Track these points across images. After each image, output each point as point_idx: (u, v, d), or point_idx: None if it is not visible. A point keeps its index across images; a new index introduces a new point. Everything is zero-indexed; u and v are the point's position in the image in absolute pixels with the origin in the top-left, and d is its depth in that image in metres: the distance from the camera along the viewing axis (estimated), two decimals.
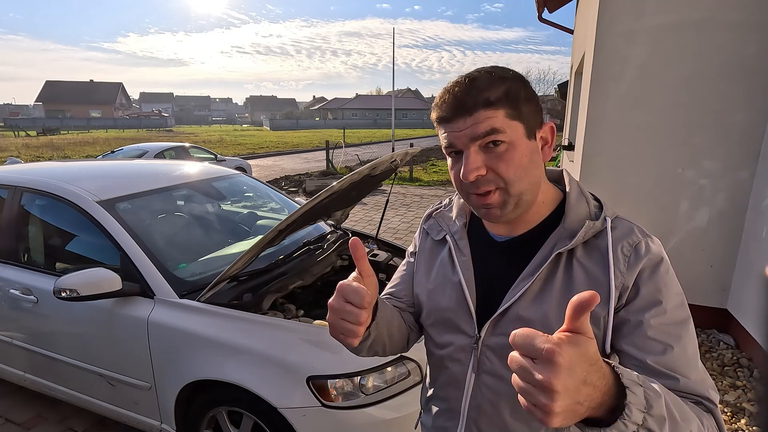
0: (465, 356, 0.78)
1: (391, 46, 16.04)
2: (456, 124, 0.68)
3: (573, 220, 0.72)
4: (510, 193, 0.69)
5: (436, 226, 0.88)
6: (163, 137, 30.06)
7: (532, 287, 0.71)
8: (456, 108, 0.68)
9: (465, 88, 0.68)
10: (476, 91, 0.67)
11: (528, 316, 0.71)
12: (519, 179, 0.68)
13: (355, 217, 7.29)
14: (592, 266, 0.69)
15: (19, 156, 16.25)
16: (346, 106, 63.89)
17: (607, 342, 0.67)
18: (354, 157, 15.59)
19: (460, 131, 0.68)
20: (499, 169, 0.68)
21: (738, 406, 2.42)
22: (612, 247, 0.68)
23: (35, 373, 2.30)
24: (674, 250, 3.21)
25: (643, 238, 0.70)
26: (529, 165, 0.69)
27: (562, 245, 0.70)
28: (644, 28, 3.04)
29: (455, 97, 0.68)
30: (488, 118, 0.66)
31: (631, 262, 0.67)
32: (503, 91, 0.67)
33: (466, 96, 0.67)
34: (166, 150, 9.47)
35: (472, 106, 0.66)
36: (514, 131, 0.68)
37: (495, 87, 0.67)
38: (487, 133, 0.66)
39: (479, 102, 0.66)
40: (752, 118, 2.92)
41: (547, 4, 6.47)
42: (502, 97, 0.67)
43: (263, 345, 1.69)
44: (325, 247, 2.50)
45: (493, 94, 0.67)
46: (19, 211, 2.33)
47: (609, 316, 0.67)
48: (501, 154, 0.67)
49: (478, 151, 0.68)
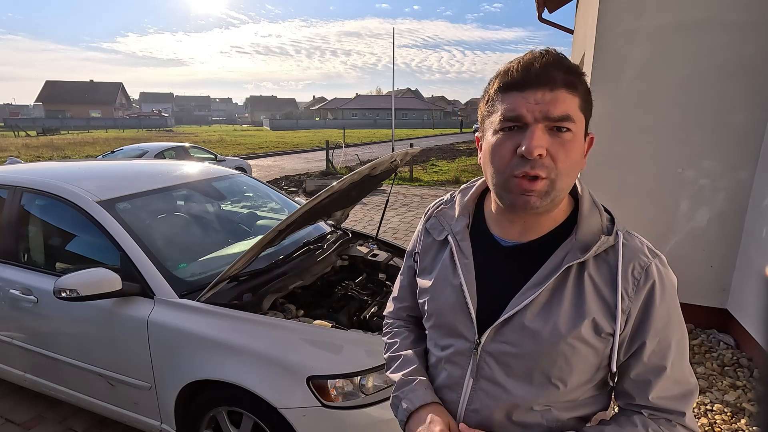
0: (464, 360, 0.77)
1: (390, 46, 16.05)
2: (533, 94, 0.63)
3: (586, 232, 0.70)
4: (556, 185, 0.66)
5: (438, 226, 0.86)
6: (163, 137, 30.05)
7: (539, 298, 0.70)
8: (539, 77, 0.63)
9: (554, 60, 0.64)
10: (564, 69, 0.64)
11: (534, 327, 0.70)
12: (568, 174, 0.66)
13: (355, 217, 7.29)
14: (602, 284, 0.69)
15: (19, 156, 16.25)
16: (346, 106, 63.88)
17: (613, 360, 0.69)
18: (354, 157, 15.59)
19: (536, 104, 0.63)
20: (559, 157, 0.64)
21: (738, 406, 2.42)
22: (622, 267, 0.68)
23: (35, 373, 2.30)
24: (674, 250, 3.22)
25: (653, 260, 0.70)
26: (579, 163, 0.68)
27: (573, 258, 0.69)
28: (644, 28, 3.04)
29: (543, 66, 0.63)
30: (566, 102, 0.63)
31: (639, 286, 0.68)
32: (583, 81, 0.66)
33: (554, 69, 0.63)
34: (166, 150, 9.47)
35: (557, 82, 0.63)
36: (580, 125, 0.66)
37: (579, 74, 0.65)
38: (561, 117, 0.63)
39: (564, 80, 0.63)
40: (752, 118, 2.92)
41: (547, 4, 6.47)
42: (582, 87, 0.66)
43: (263, 345, 1.69)
44: (325, 247, 2.50)
45: (577, 79, 0.65)
46: (19, 211, 2.33)
47: (615, 336, 0.68)
48: (565, 143, 0.64)
49: (545, 131, 0.64)
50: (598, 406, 0.76)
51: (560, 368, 0.69)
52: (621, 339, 0.69)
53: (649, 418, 0.70)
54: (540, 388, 0.71)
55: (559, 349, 0.68)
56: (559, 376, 0.70)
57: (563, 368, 0.69)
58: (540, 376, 0.71)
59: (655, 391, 0.69)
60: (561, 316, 0.68)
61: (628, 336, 0.69)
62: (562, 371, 0.69)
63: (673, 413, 0.69)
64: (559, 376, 0.70)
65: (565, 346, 0.68)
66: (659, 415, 0.70)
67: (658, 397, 0.69)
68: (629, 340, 0.70)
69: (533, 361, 0.70)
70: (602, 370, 0.71)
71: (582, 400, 0.73)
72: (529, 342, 0.70)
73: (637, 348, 0.69)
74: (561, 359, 0.69)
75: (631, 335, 0.69)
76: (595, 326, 0.68)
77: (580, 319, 0.68)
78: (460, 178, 11.14)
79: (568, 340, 0.68)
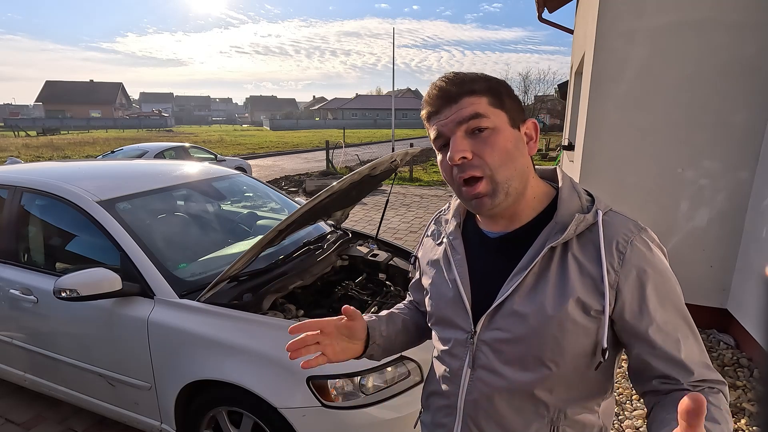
0: (461, 351, 0.79)
1: (390, 46, 16.06)
2: (443, 113, 0.72)
3: (564, 214, 0.72)
4: (497, 180, 0.70)
5: (437, 232, 0.92)
6: (163, 137, 30.07)
7: (525, 281, 0.72)
8: (442, 98, 0.72)
9: (449, 80, 0.73)
10: (461, 82, 0.72)
11: (522, 310, 0.71)
12: (504, 164, 0.70)
13: (355, 217, 7.29)
14: (586, 261, 0.70)
15: (19, 156, 16.25)
16: (346, 106, 63.88)
17: (603, 336, 0.68)
18: (354, 157, 15.60)
19: (446, 118, 0.72)
20: (484, 153, 0.70)
21: (738, 406, 2.42)
22: (605, 242, 0.69)
23: (35, 373, 2.30)
24: (674, 250, 3.21)
25: (638, 233, 0.70)
26: (513, 151, 0.72)
27: (555, 239, 0.70)
28: (644, 28, 3.04)
29: (441, 89, 0.73)
30: (472, 104, 0.70)
31: (625, 259, 0.68)
32: (486, 84, 0.73)
33: (452, 86, 0.72)
34: (166, 150, 9.48)
35: (457, 95, 0.71)
36: (498, 118, 0.71)
37: (478, 80, 0.73)
38: (471, 117, 0.70)
39: (464, 91, 0.71)
40: (752, 118, 2.92)
41: (547, 4, 6.47)
42: (484, 88, 0.72)
43: (263, 345, 1.69)
44: (325, 247, 2.50)
45: (476, 85, 0.72)
46: (19, 211, 2.33)
47: (605, 313, 0.68)
48: (485, 139, 0.70)
49: (464, 136, 0.71)
50: (597, 390, 0.76)
51: (551, 350, 0.70)
52: (617, 316, 0.69)
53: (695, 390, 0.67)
54: (534, 372, 0.72)
55: (548, 331, 0.69)
56: (551, 357, 0.71)
57: (554, 350, 0.70)
58: (533, 359, 0.72)
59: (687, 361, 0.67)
60: (547, 298, 0.70)
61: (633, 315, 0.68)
62: (554, 353, 0.70)
63: (711, 382, 0.68)
64: (551, 357, 0.71)
65: (554, 326, 0.69)
66: (702, 384, 0.67)
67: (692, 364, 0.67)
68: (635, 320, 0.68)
69: (525, 344, 0.72)
70: (597, 349, 0.70)
71: (580, 383, 0.74)
72: (519, 326, 0.72)
73: (648, 324, 0.68)
74: (551, 340, 0.70)
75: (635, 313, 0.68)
76: (583, 305, 0.68)
77: (565, 298, 0.68)
78: None
79: (556, 321, 0.69)
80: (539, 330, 0.70)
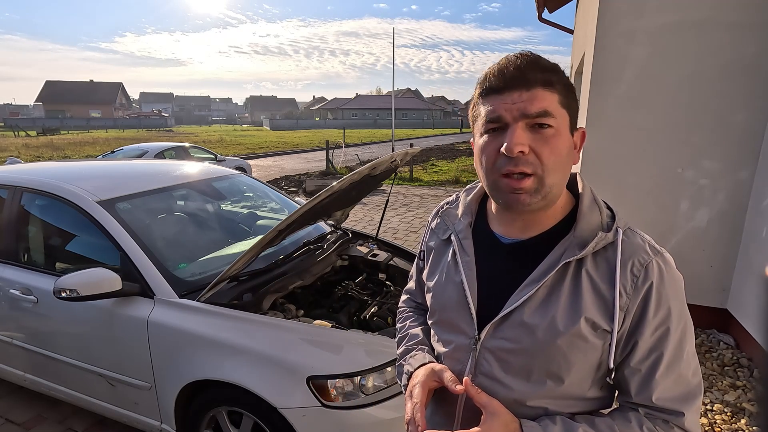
0: (463, 356, 0.78)
1: (389, 46, 16.06)
2: (510, 95, 0.66)
3: (584, 228, 0.70)
4: (544, 182, 0.67)
5: (443, 225, 0.88)
6: (163, 137, 30.04)
7: (537, 294, 0.70)
8: (514, 78, 0.66)
9: (528, 62, 0.66)
10: (539, 69, 0.66)
11: (532, 322, 0.70)
12: (555, 169, 0.67)
13: (355, 217, 7.29)
14: (600, 281, 0.69)
15: (19, 156, 16.25)
16: (345, 106, 63.87)
17: (611, 357, 0.68)
18: (354, 157, 15.59)
19: (513, 104, 0.66)
20: (543, 153, 0.66)
21: (738, 406, 2.42)
22: (621, 264, 0.68)
23: (35, 373, 2.30)
24: (674, 250, 3.19)
25: (654, 257, 0.69)
26: (567, 158, 0.69)
27: (571, 254, 0.69)
28: (644, 28, 3.04)
29: (517, 68, 0.66)
30: (544, 99, 0.65)
31: (638, 284, 0.67)
32: (562, 78, 0.68)
33: (529, 70, 0.66)
34: (166, 150, 9.47)
35: (533, 81, 0.65)
36: (562, 120, 0.68)
37: (556, 72, 0.67)
38: (539, 114, 0.65)
39: (540, 79, 0.66)
40: (752, 118, 2.92)
41: (547, 4, 6.47)
42: (560, 83, 0.67)
43: (263, 345, 1.69)
44: (325, 247, 2.50)
45: (554, 77, 0.67)
46: (19, 211, 2.33)
47: (613, 334, 0.67)
48: (548, 139, 0.66)
49: (525, 128, 0.66)
50: (599, 405, 0.76)
51: (558, 365, 0.69)
52: (619, 336, 0.69)
53: (646, 416, 0.69)
54: (538, 385, 0.71)
55: (556, 346, 0.68)
56: (557, 372, 0.70)
57: (561, 365, 0.69)
58: (538, 372, 0.71)
59: (653, 389, 0.68)
60: (559, 313, 0.68)
61: (625, 333, 0.69)
62: (560, 368, 0.69)
63: (671, 413, 0.68)
64: (557, 372, 0.70)
65: (563, 342, 0.68)
66: (657, 414, 0.69)
67: (656, 396, 0.68)
68: (626, 338, 0.69)
69: (531, 357, 0.70)
70: (602, 367, 0.70)
71: (582, 398, 0.73)
72: (527, 338, 0.70)
73: (633, 346, 0.68)
74: (559, 356, 0.69)
75: (628, 333, 0.69)
76: (592, 324, 0.68)
77: (578, 316, 0.68)
78: (460, 178, 11.14)
79: (566, 337, 0.68)
80: (547, 344, 0.69)
